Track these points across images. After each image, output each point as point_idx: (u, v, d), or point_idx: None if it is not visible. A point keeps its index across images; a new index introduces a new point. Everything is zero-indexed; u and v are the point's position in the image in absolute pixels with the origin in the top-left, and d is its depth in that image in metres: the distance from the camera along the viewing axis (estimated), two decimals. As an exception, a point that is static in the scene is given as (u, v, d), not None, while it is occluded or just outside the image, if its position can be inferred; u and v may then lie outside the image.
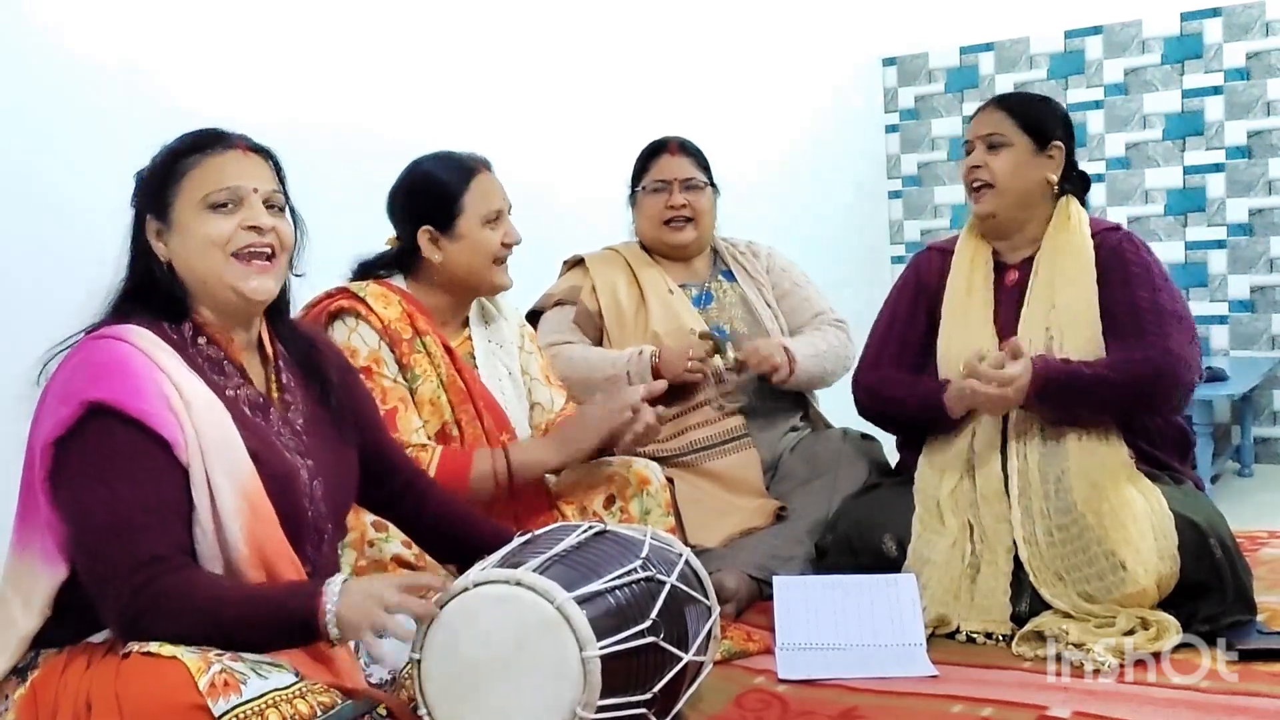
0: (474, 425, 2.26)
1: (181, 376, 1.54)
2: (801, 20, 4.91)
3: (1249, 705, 1.96)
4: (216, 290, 1.61)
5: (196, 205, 1.60)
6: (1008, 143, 2.56)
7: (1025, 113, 2.59)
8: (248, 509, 1.53)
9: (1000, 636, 2.31)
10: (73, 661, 1.48)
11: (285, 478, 1.62)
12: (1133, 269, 2.49)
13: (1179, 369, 2.40)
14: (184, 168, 1.61)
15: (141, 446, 1.48)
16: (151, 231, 1.62)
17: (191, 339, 1.62)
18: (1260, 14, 4.70)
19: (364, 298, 2.22)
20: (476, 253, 2.31)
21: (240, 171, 1.62)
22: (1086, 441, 2.40)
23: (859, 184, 5.42)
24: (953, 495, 2.48)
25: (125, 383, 1.49)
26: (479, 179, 2.32)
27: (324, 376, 1.78)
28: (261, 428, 1.64)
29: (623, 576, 1.63)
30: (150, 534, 1.46)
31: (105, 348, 1.53)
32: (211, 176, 1.60)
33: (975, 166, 2.58)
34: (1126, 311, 2.45)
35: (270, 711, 1.36)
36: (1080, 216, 2.58)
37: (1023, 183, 2.56)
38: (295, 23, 2.90)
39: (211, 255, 1.59)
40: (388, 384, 2.18)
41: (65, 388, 1.50)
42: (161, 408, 1.50)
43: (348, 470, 1.78)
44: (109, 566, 1.44)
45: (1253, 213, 4.78)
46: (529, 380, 2.49)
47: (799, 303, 3.05)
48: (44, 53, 2.35)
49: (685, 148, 2.99)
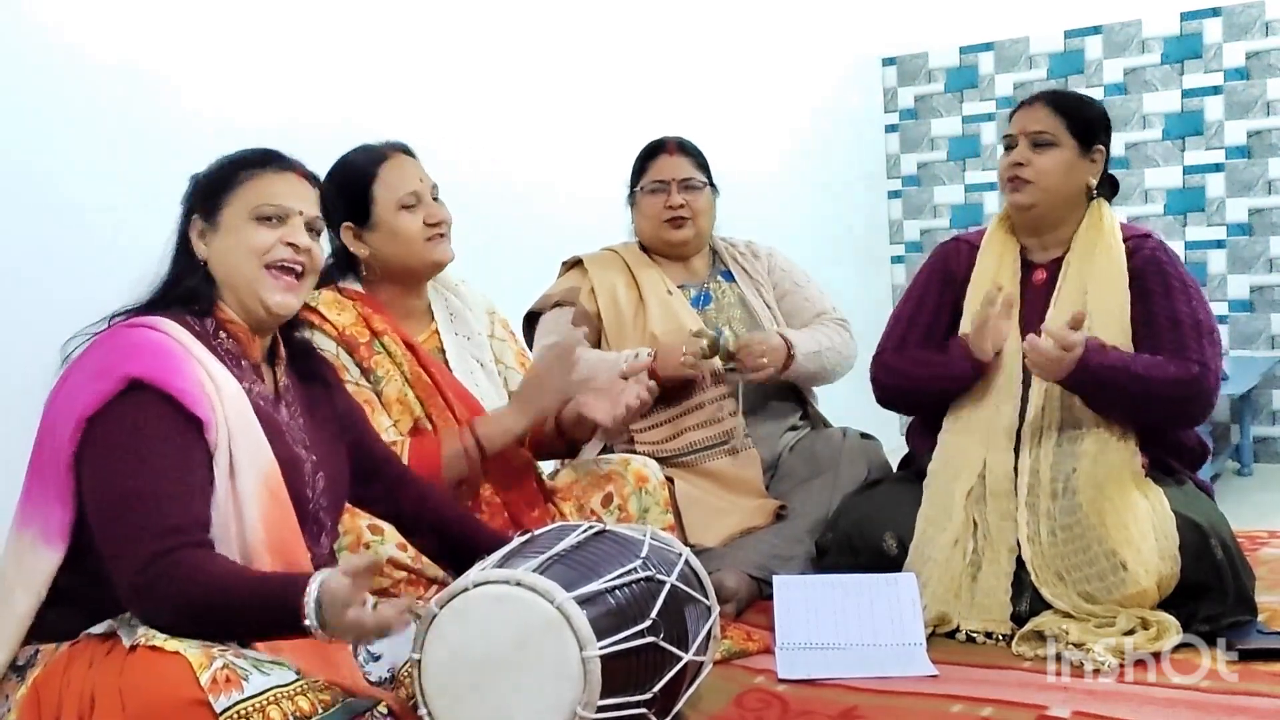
0: (445, 417, 2.24)
1: (212, 364, 1.60)
2: (801, 20, 4.91)
3: (1249, 705, 1.96)
4: (245, 297, 1.69)
5: (245, 214, 1.68)
6: (1055, 143, 2.51)
7: (1075, 113, 2.53)
8: (267, 494, 1.58)
9: (1000, 636, 2.31)
10: (75, 659, 1.48)
11: (293, 468, 1.67)
12: (1172, 281, 2.47)
13: (1216, 389, 2.42)
14: (242, 178, 1.70)
15: (175, 423, 1.53)
16: (195, 230, 1.70)
17: (214, 332, 1.68)
18: (1260, 14, 4.70)
19: (316, 307, 2.20)
20: (397, 238, 2.27)
21: (292, 192, 1.72)
22: (1102, 445, 2.39)
23: (858, 184, 5.41)
24: (965, 491, 2.47)
25: (164, 362, 1.55)
26: (387, 165, 2.28)
27: (320, 378, 1.86)
28: (274, 420, 1.69)
29: (622, 576, 1.63)
30: (175, 505, 1.49)
31: (140, 333, 1.59)
32: (265, 191, 1.70)
33: (1019, 164, 2.52)
34: (1167, 324, 2.43)
35: (272, 708, 1.36)
36: (1112, 221, 2.55)
37: (1066, 184, 2.52)
38: (295, 23, 2.90)
39: (249, 262, 1.68)
40: (351, 389, 2.17)
41: (100, 365, 1.54)
42: (197, 389, 1.55)
43: (342, 468, 1.83)
44: (130, 532, 1.47)
45: (1252, 212, 4.78)
46: (504, 369, 2.47)
47: (800, 302, 3.05)
48: (44, 52, 2.35)
49: (684, 147, 2.99)
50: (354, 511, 2.00)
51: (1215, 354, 2.43)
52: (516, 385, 2.42)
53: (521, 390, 2.29)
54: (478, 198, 2.87)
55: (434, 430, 2.23)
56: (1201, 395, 2.39)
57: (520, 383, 2.32)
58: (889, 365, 2.67)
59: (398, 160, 2.29)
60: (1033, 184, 2.51)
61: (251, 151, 1.74)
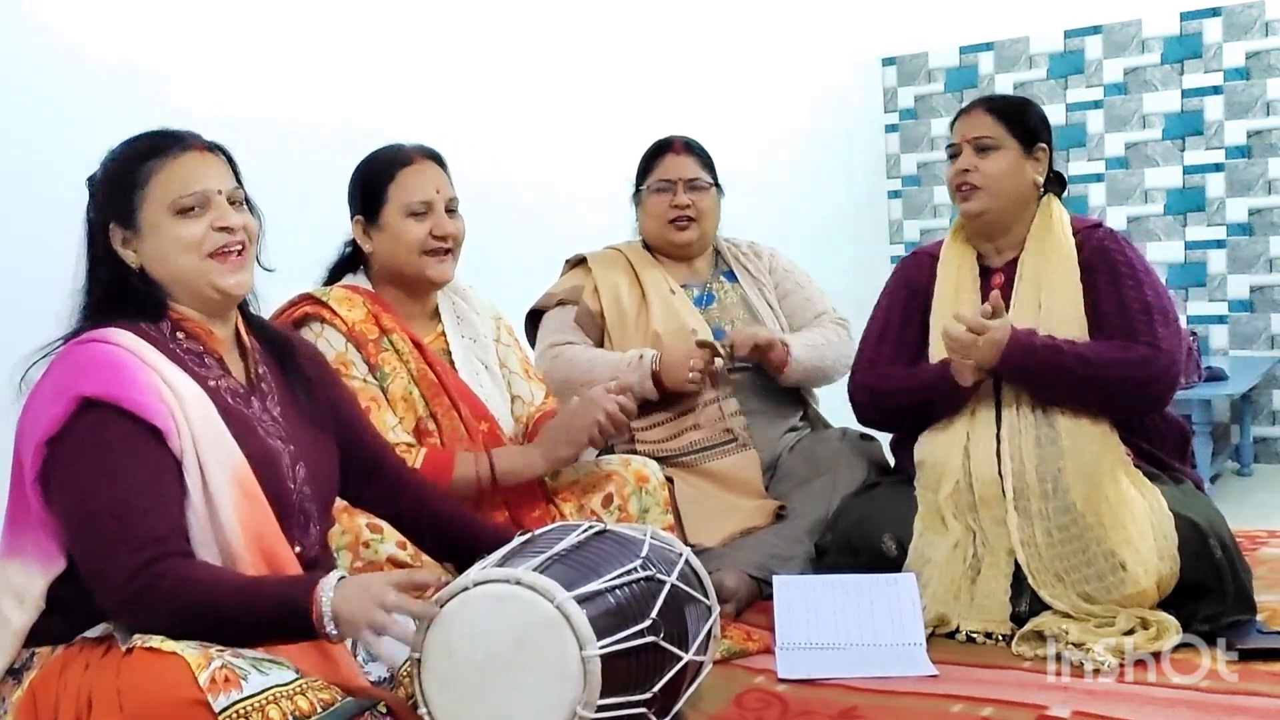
0: (450, 417, 2.25)
1: (168, 370, 1.57)
2: (801, 20, 4.92)
3: (1249, 705, 1.96)
4: (198, 288, 1.64)
5: (164, 210, 1.62)
6: (998, 145, 2.54)
7: (1013, 115, 2.57)
8: (239, 493, 1.56)
9: (1000, 636, 2.31)
10: (72, 661, 1.48)
11: (268, 461, 1.65)
12: (1119, 267, 2.48)
13: (1171, 367, 2.41)
14: (145, 174, 1.62)
15: (136, 437, 1.51)
16: (117, 239, 1.64)
17: (171, 335, 1.65)
18: (1260, 14, 4.71)
19: (327, 302, 2.22)
20: (399, 243, 2.27)
21: (203, 173, 1.64)
22: (1078, 437, 2.39)
23: (858, 184, 5.42)
24: (951, 499, 2.47)
25: (116, 375, 1.52)
26: (409, 169, 2.28)
27: (296, 366, 1.81)
28: (244, 415, 1.67)
29: (623, 576, 1.63)
30: (150, 518, 1.48)
31: (91, 349, 1.56)
32: (175, 181, 1.62)
33: (965, 170, 2.56)
34: (1115, 310, 2.45)
35: (271, 708, 1.36)
36: (1062, 217, 2.57)
37: (1014, 186, 2.55)
38: (295, 23, 2.90)
39: (187, 258, 1.62)
40: (357, 385, 2.18)
41: (55, 387, 1.52)
42: (153, 399, 1.52)
43: (327, 458, 1.81)
44: (107, 548, 1.46)
45: (1252, 212, 4.78)
46: (508, 374, 2.47)
47: (801, 303, 3.05)
48: (44, 52, 2.35)
49: (690, 147, 2.99)
50: (353, 511, 2.00)
51: (1169, 333, 2.42)
52: (518, 390, 2.45)
53: (546, 436, 2.28)
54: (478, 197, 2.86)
55: (438, 429, 2.24)
56: (1155, 374, 2.39)
57: (548, 426, 2.32)
58: (866, 386, 2.68)
59: (420, 166, 2.29)
60: (981, 189, 2.54)
61: (141, 139, 1.66)
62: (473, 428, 2.27)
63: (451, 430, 2.25)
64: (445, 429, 2.25)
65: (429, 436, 2.24)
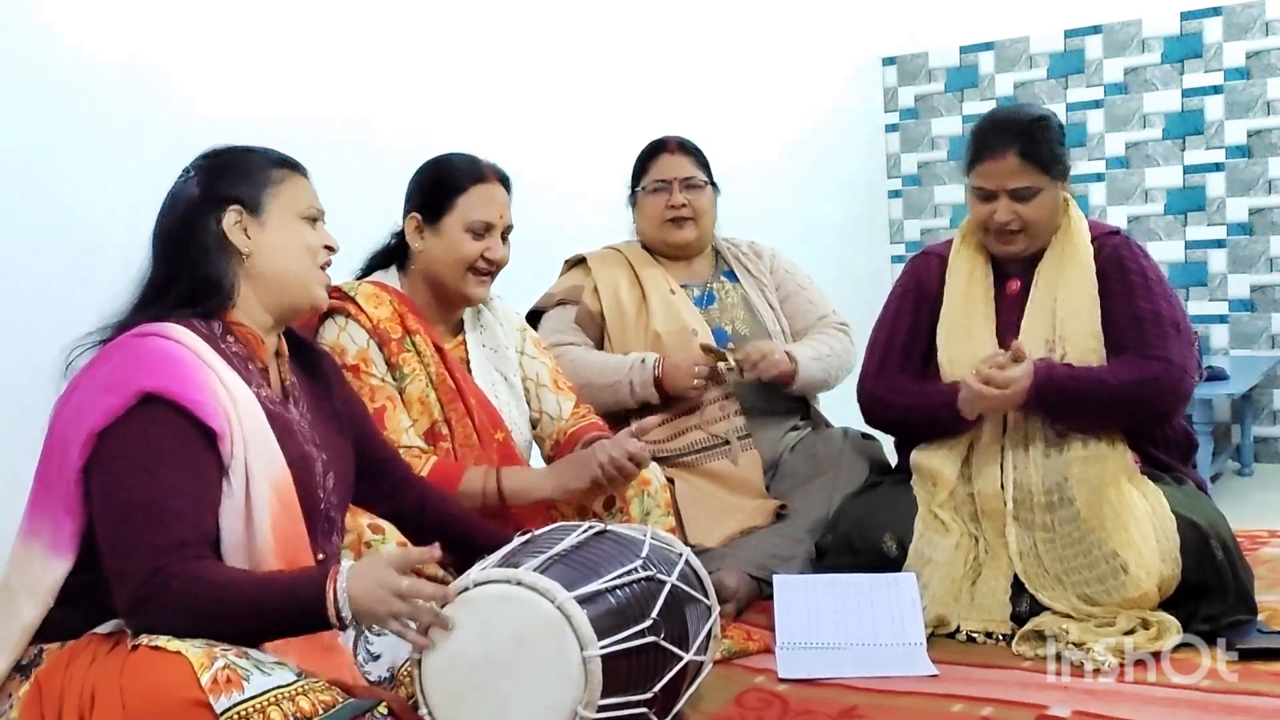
0: (464, 423, 2.26)
1: (225, 372, 1.59)
2: (801, 20, 4.91)
3: (1249, 705, 1.96)
4: (294, 289, 1.71)
5: (291, 213, 1.72)
6: (1037, 190, 2.46)
7: (1042, 152, 2.45)
8: (276, 501, 1.58)
9: (1000, 636, 2.31)
10: (78, 656, 1.48)
11: (305, 468, 1.67)
12: (1132, 276, 2.47)
13: (1181, 380, 2.40)
14: (278, 177, 1.72)
15: (188, 436, 1.52)
16: (230, 222, 1.66)
17: (221, 335, 1.66)
18: (1260, 13, 4.71)
19: (354, 297, 2.23)
20: (450, 252, 2.29)
21: (316, 195, 1.78)
22: (1090, 450, 2.38)
23: (859, 183, 5.42)
24: (947, 506, 2.47)
25: (178, 373, 1.53)
26: (483, 187, 2.31)
27: (323, 375, 1.86)
28: (285, 419, 1.69)
29: (623, 576, 1.64)
30: (183, 520, 1.49)
31: (150, 343, 1.56)
32: (303, 195, 1.75)
33: (1007, 220, 2.47)
34: (1127, 320, 2.43)
35: (272, 709, 1.36)
36: (1080, 223, 2.54)
37: (1052, 216, 2.51)
38: (298, 23, 2.90)
39: (304, 259, 1.72)
40: (375, 383, 2.19)
41: (112, 378, 1.53)
42: (211, 399, 1.54)
43: (349, 465, 1.83)
44: (135, 543, 1.46)
45: (1252, 212, 4.78)
46: (536, 387, 2.48)
47: (803, 305, 3.05)
48: (46, 51, 2.35)
49: (685, 147, 2.99)
50: (355, 510, 2.00)
51: (1181, 347, 2.41)
52: (546, 405, 2.46)
53: (564, 462, 2.28)
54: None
55: (450, 434, 2.24)
56: (1167, 390, 2.39)
57: (568, 456, 2.31)
58: (876, 396, 2.65)
59: (492, 187, 2.32)
60: (1022, 233, 2.50)
61: (272, 152, 1.76)
62: (486, 436, 2.28)
63: (464, 437, 2.26)
64: (458, 435, 2.25)
65: (441, 441, 2.25)
